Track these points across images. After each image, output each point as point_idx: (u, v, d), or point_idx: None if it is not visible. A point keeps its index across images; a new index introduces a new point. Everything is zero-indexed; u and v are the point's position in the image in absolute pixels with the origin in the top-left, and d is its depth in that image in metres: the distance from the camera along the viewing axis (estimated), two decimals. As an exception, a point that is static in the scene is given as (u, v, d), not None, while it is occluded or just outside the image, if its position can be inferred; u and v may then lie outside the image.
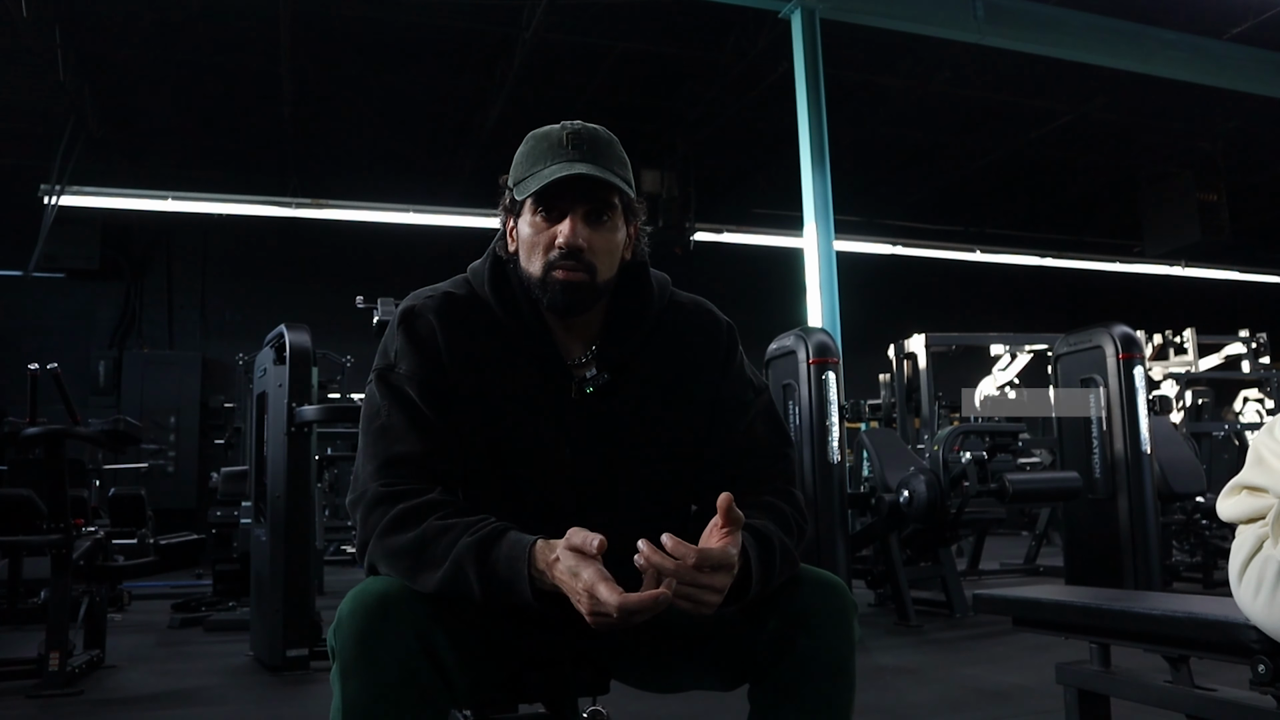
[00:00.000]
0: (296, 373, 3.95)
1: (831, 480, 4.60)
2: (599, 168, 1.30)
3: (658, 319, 1.41)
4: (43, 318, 10.39)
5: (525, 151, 1.35)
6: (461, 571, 1.16)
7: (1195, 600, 1.91)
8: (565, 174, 1.27)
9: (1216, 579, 5.84)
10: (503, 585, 1.15)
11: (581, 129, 1.33)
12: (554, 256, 1.30)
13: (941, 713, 3.12)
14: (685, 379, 1.40)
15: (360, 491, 1.28)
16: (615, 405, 1.36)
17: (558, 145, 1.31)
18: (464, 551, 1.16)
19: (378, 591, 1.17)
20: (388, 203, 10.43)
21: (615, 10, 7.53)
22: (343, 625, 1.14)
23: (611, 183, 1.30)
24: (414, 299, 1.39)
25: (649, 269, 1.43)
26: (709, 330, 1.44)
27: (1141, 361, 5.13)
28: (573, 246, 1.30)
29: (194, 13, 7.48)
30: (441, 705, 1.18)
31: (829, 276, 6.55)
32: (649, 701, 1.75)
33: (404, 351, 1.33)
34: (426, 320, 1.34)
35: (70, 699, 3.35)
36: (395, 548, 1.21)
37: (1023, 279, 13.65)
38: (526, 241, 1.34)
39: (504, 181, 1.38)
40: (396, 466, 1.27)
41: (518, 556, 1.15)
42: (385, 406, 1.31)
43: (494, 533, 1.19)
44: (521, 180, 1.33)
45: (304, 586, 3.88)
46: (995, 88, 9.19)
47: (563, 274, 1.30)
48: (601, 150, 1.32)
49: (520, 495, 1.33)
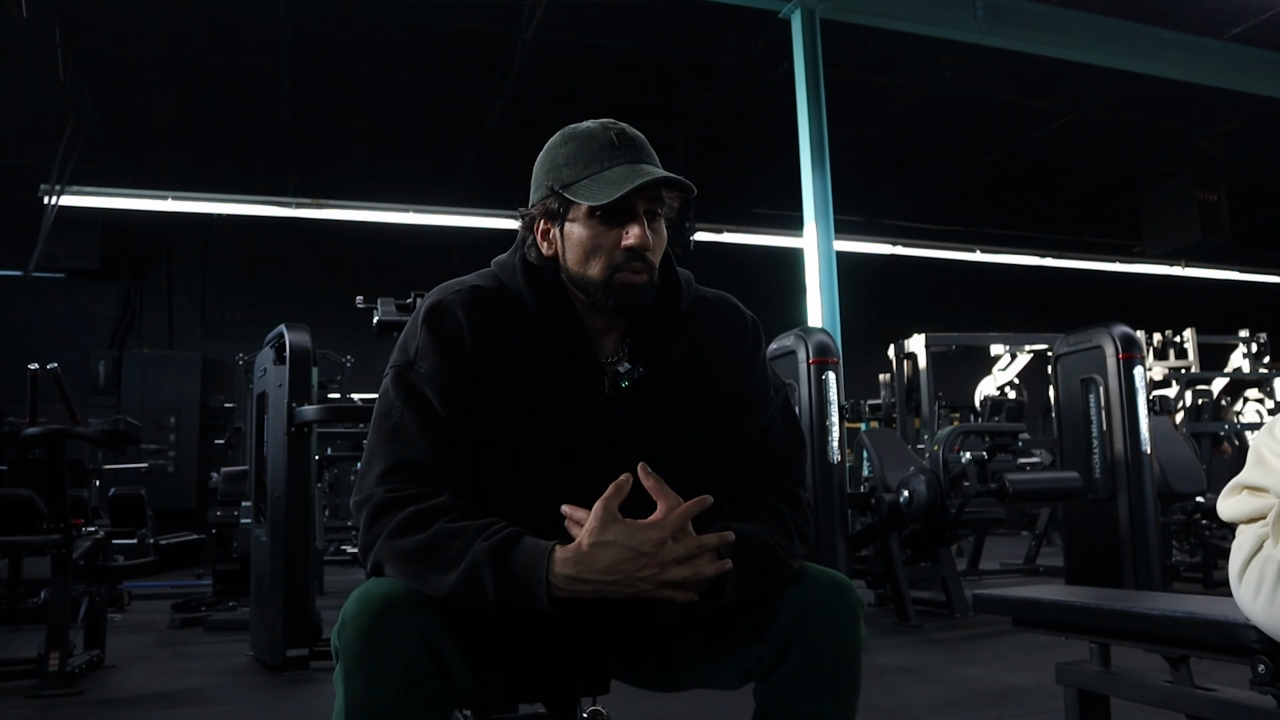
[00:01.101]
0: (296, 373, 3.94)
1: (831, 480, 4.60)
2: (658, 168, 1.30)
3: (686, 314, 1.41)
4: (43, 318, 10.40)
5: (569, 152, 1.31)
6: (477, 575, 1.15)
7: (1195, 600, 1.91)
8: (642, 180, 1.25)
9: (1216, 579, 5.84)
10: (519, 588, 1.15)
11: (624, 128, 1.32)
12: (620, 259, 1.29)
13: (941, 713, 3.12)
14: (713, 373, 1.40)
15: (366, 495, 1.26)
16: (646, 401, 1.35)
17: (609, 146, 1.29)
18: (480, 554, 1.16)
19: (382, 592, 1.16)
20: (388, 203, 10.43)
21: (615, 10, 7.53)
22: (347, 626, 1.14)
23: (676, 181, 1.29)
24: (440, 293, 1.36)
25: (675, 265, 1.43)
26: (735, 325, 1.44)
27: (1141, 361, 5.12)
28: (644, 248, 1.29)
29: (194, 13, 7.49)
30: (445, 707, 1.17)
31: (829, 276, 6.55)
32: (649, 701, 1.75)
33: (426, 349, 1.31)
34: (454, 316, 1.32)
35: (70, 699, 3.35)
36: (405, 550, 1.19)
37: (1023, 279, 13.65)
38: (584, 244, 1.30)
39: (550, 184, 1.31)
40: (404, 472, 1.25)
41: (536, 562, 1.15)
42: (399, 407, 1.29)
43: (510, 536, 1.18)
44: (576, 183, 1.29)
45: (304, 586, 3.88)
46: (995, 88, 9.20)
47: (631, 276, 1.29)
48: (646, 148, 1.32)
49: (552, 492, 1.30)
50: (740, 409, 1.40)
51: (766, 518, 1.31)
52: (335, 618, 1.19)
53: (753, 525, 1.27)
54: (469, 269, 1.44)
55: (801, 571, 1.28)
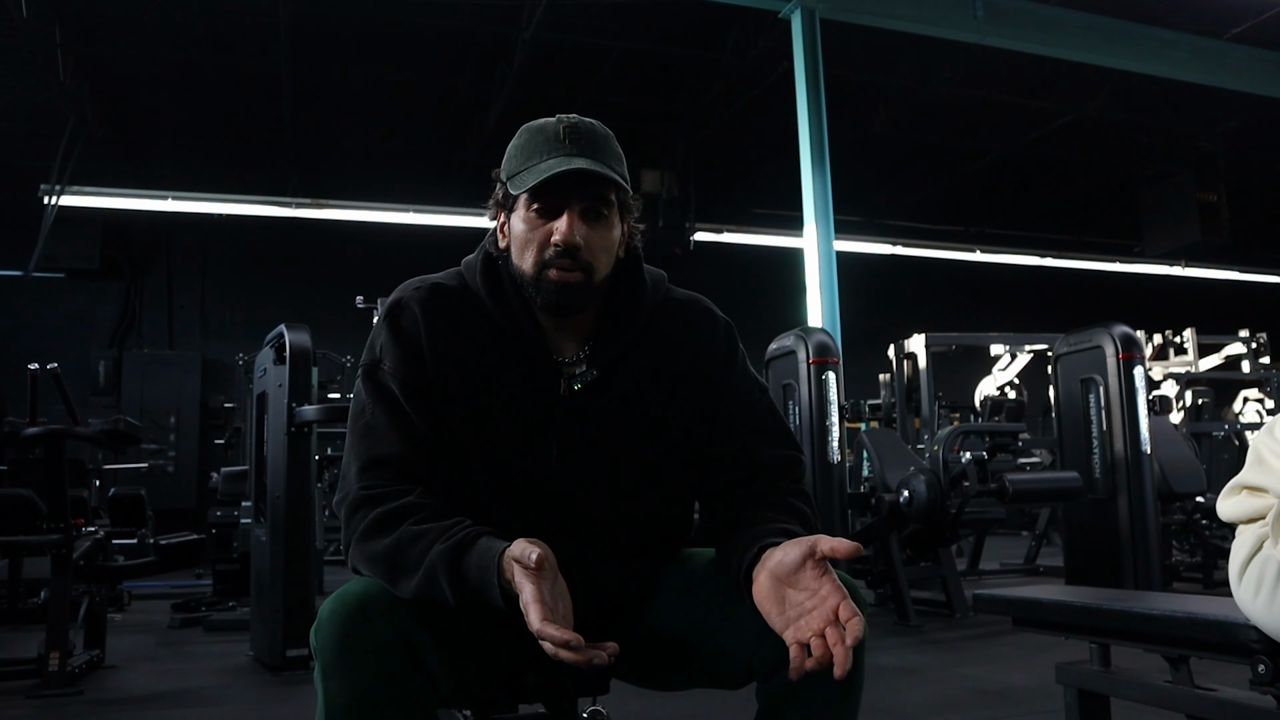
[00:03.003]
0: (296, 373, 3.94)
1: (831, 480, 4.61)
2: (597, 162, 1.27)
3: (651, 316, 1.39)
4: (43, 318, 10.39)
5: (519, 144, 1.31)
6: (435, 579, 1.15)
7: (1195, 600, 1.91)
8: (564, 169, 1.24)
9: (1216, 579, 5.84)
10: (474, 592, 1.15)
11: (578, 122, 1.30)
12: (549, 255, 1.27)
13: (941, 713, 3.12)
14: (680, 377, 1.38)
15: (344, 493, 1.28)
16: (605, 403, 1.34)
17: (554, 139, 1.28)
18: (436, 559, 1.16)
19: (357, 592, 1.17)
20: (388, 203, 10.43)
21: (615, 10, 7.53)
22: (323, 626, 1.14)
23: (609, 178, 1.28)
24: (401, 291, 1.36)
25: (643, 265, 1.41)
26: (705, 328, 1.42)
27: (1141, 361, 5.12)
28: (570, 244, 1.26)
29: (194, 13, 7.49)
30: (427, 705, 1.17)
31: (829, 276, 6.55)
32: (649, 701, 1.75)
33: (388, 347, 1.31)
34: (411, 313, 1.32)
35: (70, 699, 3.35)
36: (372, 553, 1.20)
37: (1023, 279, 13.65)
38: (520, 238, 1.30)
39: (496, 175, 1.34)
40: (378, 468, 1.26)
41: (488, 565, 1.14)
42: (370, 405, 1.30)
43: (466, 539, 1.17)
44: (516, 174, 1.29)
45: (304, 586, 3.88)
46: (995, 88, 9.19)
47: (557, 273, 1.27)
48: (598, 144, 1.29)
49: (508, 493, 1.31)
50: (724, 414, 1.39)
51: (796, 518, 1.31)
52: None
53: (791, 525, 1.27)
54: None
55: None
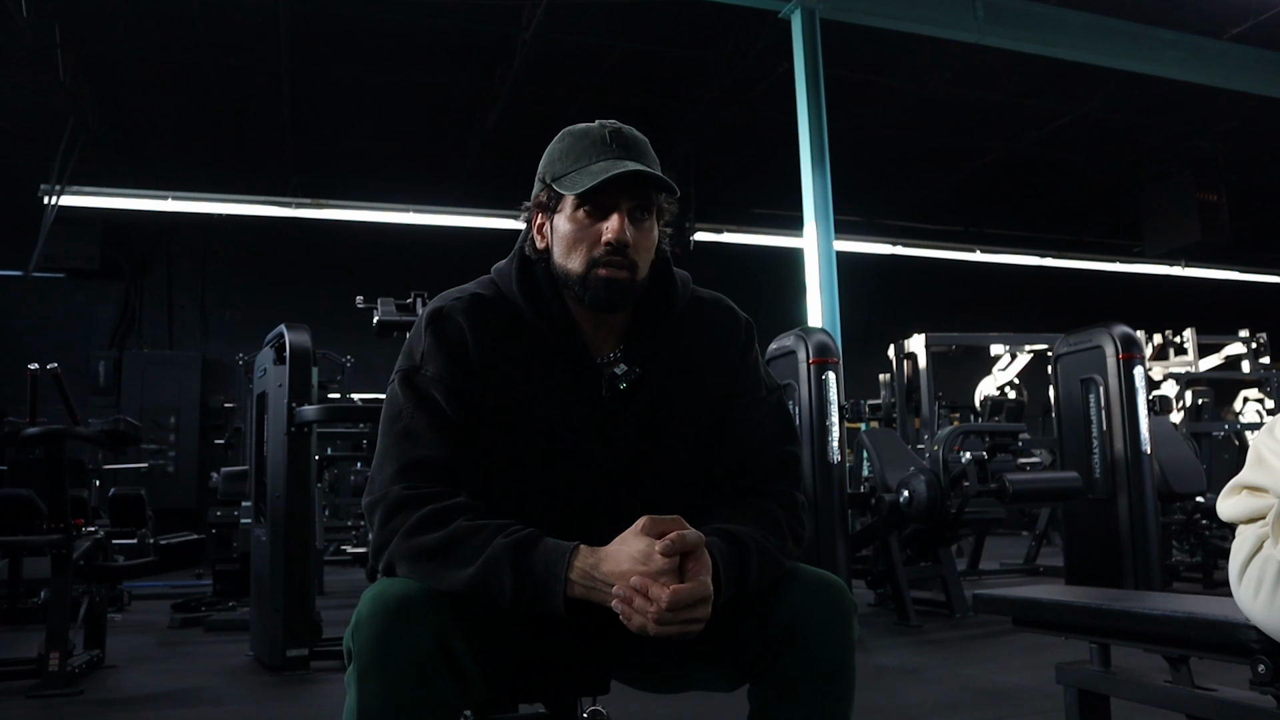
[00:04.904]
0: (296, 373, 3.95)
1: (831, 480, 4.60)
2: (645, 165, 1.30)
3: (681, 315, 1.42)
4: (43, 318, 10.39)
5: (563, 148, 1.35)
6: (495, 570, 1.16)
7: (1195, 600, 1.91)
8: (619, 171, 1.27)
9: (1216, 579, 5.84)
10: (537, 586, 1.15)
11: (621, 127, 1.34)
12: (599, 253, 1.31)
13: (941, 713, 3.12)
14: (704, 374, 1.41)
15: (381, 494, 1.26)
16: (642, 401, 1.37)
17: (600, 142, 1.32)
18: (499, 550, 1.16)
19: (397, 594, 1.15)
20: (388, 203, 10.42)
21: (615, 10, 7.53)
22: (362, 626, 1.13)
23: (657, 180, 1.31)
24: (442, 300, 1.38)
25: (672, 266, 1.44)
26: (728, 326, 1.46)
27: (1141, 361, 5.13)
28: (621, 242, 1.30)
29: (194, 13, 7.48)
30: (455, 708, 1.17)
31: (829, 276, 6.54)
32: (649, 701, 1.75)
33: (431, 354, 1.32)
34: (455, 322, 1.34)
35: (70, 699, 3.35)
36: (421, 547, 1.20)
37: (1023, 279, 13.65)
38: (567, 238, 1.33)
39: (543, 177, 1.36)
40: (419, 470, 1.26)
41: (556, 560, 1.16)
42: (409, 409, 1.30)
43: (532, 534, 1.20)
44: (564, 176, 1.32)
45: (304, 586, 3.88)
46: (995, 88, 9.19)
47: (607, 271, 1.30)
48: (642, 148, 1.34)
49: (553, 494, 1.32)
50: (729, 408, 1.42)
51: (759, 518, 1.32)
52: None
53: (745, 526, 1.28)
54: (469, 269, 1.46)
55: (794, 573, 1.29)
